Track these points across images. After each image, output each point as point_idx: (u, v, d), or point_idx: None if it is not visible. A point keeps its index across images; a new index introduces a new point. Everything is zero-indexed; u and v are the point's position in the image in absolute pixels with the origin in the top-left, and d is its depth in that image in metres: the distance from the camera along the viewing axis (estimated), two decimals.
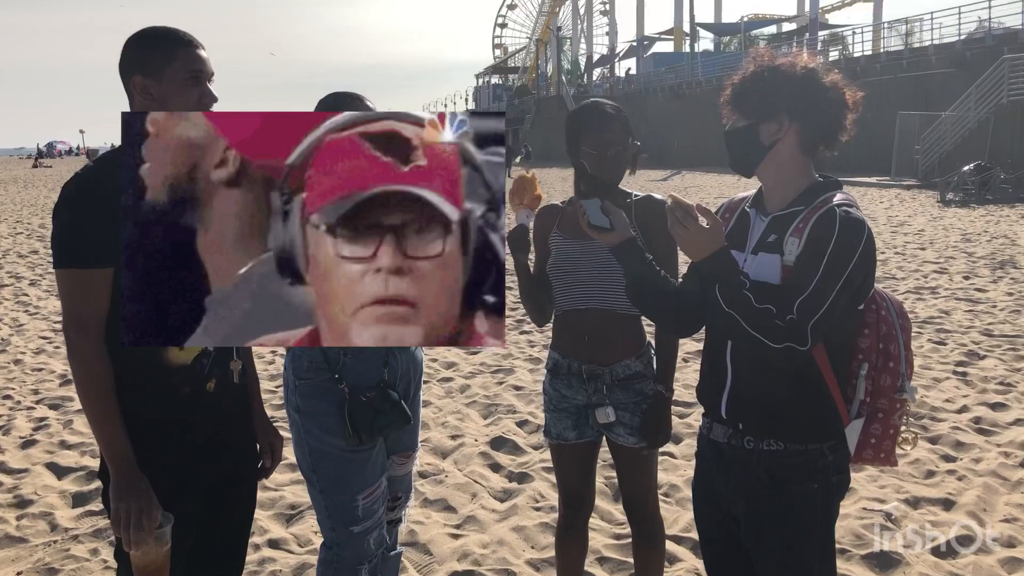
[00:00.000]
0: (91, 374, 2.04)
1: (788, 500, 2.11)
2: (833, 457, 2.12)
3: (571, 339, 2.84)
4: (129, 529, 1.99)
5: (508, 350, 7.33)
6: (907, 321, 2.14)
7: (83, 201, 2.05)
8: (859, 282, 1.99)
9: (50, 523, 4.08)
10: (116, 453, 2.04)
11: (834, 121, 2.10)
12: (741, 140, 2.15)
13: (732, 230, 2.22)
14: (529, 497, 4.34)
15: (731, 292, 1.97)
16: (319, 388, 2.52)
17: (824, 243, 1.96)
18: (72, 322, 2.05)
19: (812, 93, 2.06)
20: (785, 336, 1.92)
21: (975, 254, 12.30)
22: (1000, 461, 4.64)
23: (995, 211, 18.63)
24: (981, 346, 7.15)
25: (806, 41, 45.34)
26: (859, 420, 2.09)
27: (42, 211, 22.18)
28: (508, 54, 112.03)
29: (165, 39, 2.12)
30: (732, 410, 2.18)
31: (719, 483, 2.25)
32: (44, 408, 5.85)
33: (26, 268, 12.29)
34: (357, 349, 2.51)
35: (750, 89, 2.12)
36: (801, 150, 2.10)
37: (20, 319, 8.80)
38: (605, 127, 2.73)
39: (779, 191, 2.14)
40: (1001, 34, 30.03)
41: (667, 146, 44.17)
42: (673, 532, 3.84)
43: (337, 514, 2.57)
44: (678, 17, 61.44)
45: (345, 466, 2.54)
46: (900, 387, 2.08)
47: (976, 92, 25.89)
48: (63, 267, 2.06)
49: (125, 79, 2.12)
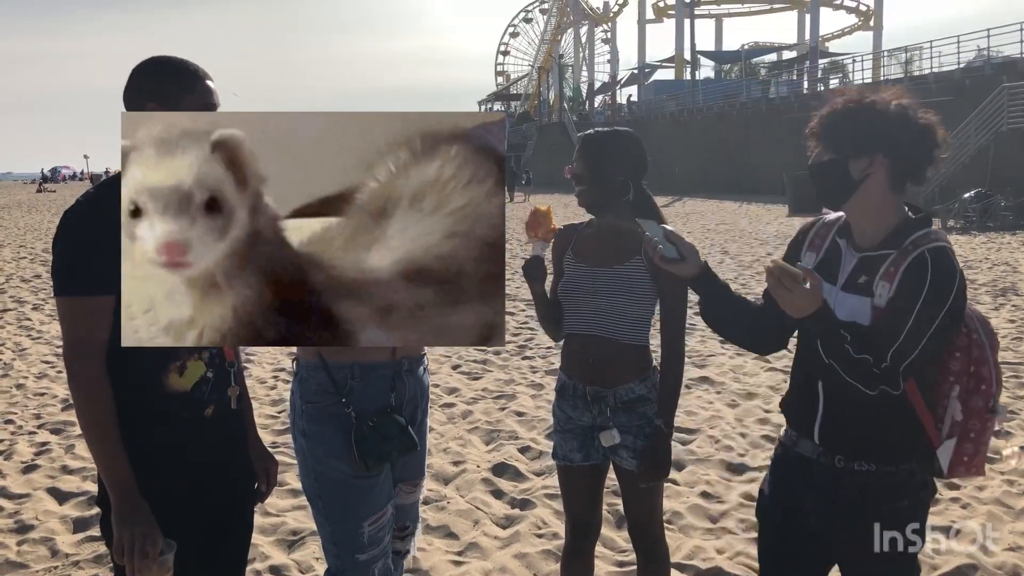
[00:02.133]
0: (92, 401, 2.04)
1: (879, 517, 2.16)
2: (922, 476, 2.18)
3: (576, 361, 2.86)
4: (133, 556, 1.99)
5: (510, 376, 7.32)
6: (995, 339, 2.16)
7: (84, 228, 2.06)
8: (957, 318, 2.05)
9: (51, 548, 4.06)
10: (117, 480, 2.04)
11: (923, 157, 2.12)
12: (830, 174, 2.15)
13: (823, 260, 2.25)
14: (532, 524, 4.32)
15: (832, 345, 2.01)
16: (325, 413, 2.50)
17: (917, 290, 2.00)
18: (73, 349, 2.05)
19: (906, 132, 2.09)
20: (880, 382, 1.99)
21: (976, 281, 12.30)
22: (1004, 489, 4.62)
23: (996, 238, 18.66)
24: None
25: (806, 69, 45.67)
26: (950, 441, 2.12)
27: (45, 236, 22.25)
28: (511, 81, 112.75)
29: (182, 70, 2.16)
30: (825, 436, 2.22)
31: (804, 498, 2.28)
32: (46, 433, 5.84)
33: (29, 292, 12.32)
34: (364, 373, 2.51)
35: (842, 123, 2.13)
36: (891, 186, 2.13)
37: (23, 343, 8.80)
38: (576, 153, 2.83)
39: (869, 225, 2.16)
40: (1000, 63, 30.24)
41: (668, 173, 44.31)
42: (676, 559, 3.81)
43: (343, 541, 2.53)
44: (679, 45, 61.86)
45: (351, 492, 2.52)
46: (992, 408, 2.11)
47: (976, 120, 26.02)
48: (64, 295, 2.06)
49: (136, 106, 2.14)
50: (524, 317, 9.60)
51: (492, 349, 8.37)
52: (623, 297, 2.76)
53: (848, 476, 2.17)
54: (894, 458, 2.15)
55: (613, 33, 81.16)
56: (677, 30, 61.39)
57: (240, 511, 2.42)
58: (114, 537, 2.03)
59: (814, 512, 2.26)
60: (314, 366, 2.51)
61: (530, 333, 8.79)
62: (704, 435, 5.62)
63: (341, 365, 2.49)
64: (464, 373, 7.49)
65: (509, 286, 12.52)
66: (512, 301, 11.19)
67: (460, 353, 8.23)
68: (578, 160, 2.82)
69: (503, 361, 7.91)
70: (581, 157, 2.81)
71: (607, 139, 2.82)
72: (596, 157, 2.80)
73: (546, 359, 7.81)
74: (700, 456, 5.21)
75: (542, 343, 8.34)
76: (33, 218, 29.93)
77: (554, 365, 2.87)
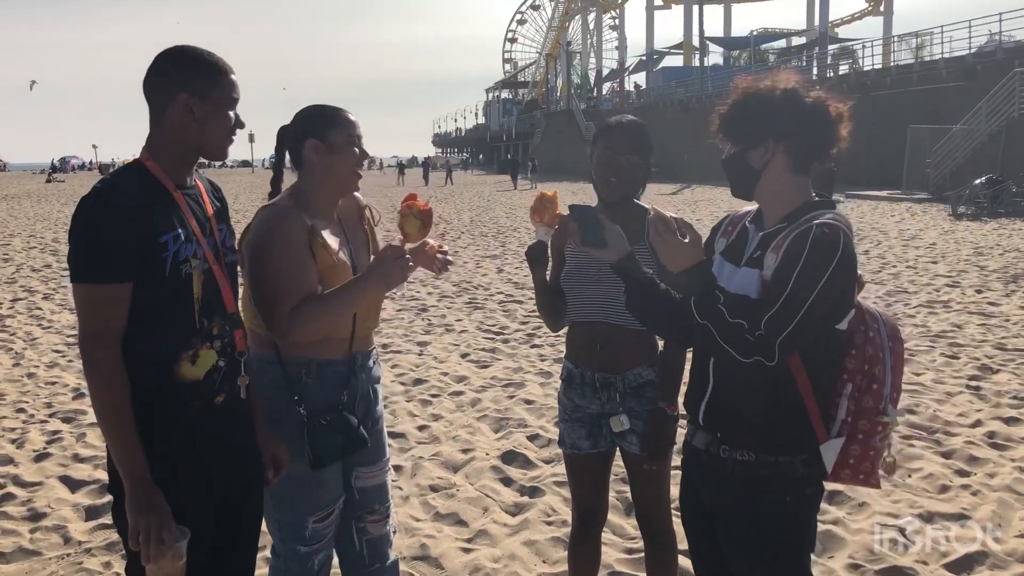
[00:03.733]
0: (109, 389, 2.04)
1: (759, 510, 2.15)
2: (805, 470, 2.14)
3: (583, 349, 2.86)
4: (148, 543, 1.99)
5: (519, 364, 7.33)
6: (899, 344, 2.16)
7: (102, 215, 2.04)
8: (835, 298, 2.01)
9: (63, 536, 4.09)
10: (132, 468, 2.04)
11: (819, 137, 2.13)
12: (734, 166, 2.20)
13: (732, 243, 2.26)
14: (541, 511, 4.33)
15: (705, 305, 2.03)
16: (275, 408, 2.52)
17: (795, 260, 2.00)
18: (90, 337, 2.04)
19: (793, 114, 2.10)
20: (754, 350, 1.97)
21: (987, 267, 12.25)
22: (1015, 476, 4.60)
23: (1007, 224, 18.56)
24: (995, 360, 7.11)
25: (816, 55, 45.39)
26: (838, 439, 2.10)
27: (55, 225, 22.34)
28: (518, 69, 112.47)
29: (212, 63, 2.17)
30: (709, 418, 2.22)
31: (701, 490, 2.29)
32: (57, 421, 5.88)
33: (39, 282, 12.37)
34: (319, 369, 2.55)
35: (734, 117, 2.17)
36: (792, 170, 2.14)
37: (34, 333, 8.84)
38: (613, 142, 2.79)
39: (774, 209, 2.18)
40: (1012, 47, 30.00)
41: (677, 160, 44.18)
42: (684, 547, 3.81)
43: (286, 531, 2.61)
44: (688, 31, 61.63)
45: (297, 489, 2.56)
46: (883, 410, 2.10)
47: (987, 105, 25.85)
48: (82, 281, 2.05)
49: (167, 95, 2.13)
50: (533, 306, 9.56)
51: (501, 338, 8.38)
52: None
53: (731, 466, 2.16)
54: (775, 449, 2.12)
55: (621, 20, 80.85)
56: (686, 16, 61.14)
57: (250, 498, 2.43)
58: (128, 525, 2.03)
59: (713, 507, 2.26)
60: (267, 360, 2.53)
61: (539, 321, 8.78)
62: None
63: (296, 361, 2.52)
64: (473, 361, 7.50)
65: (517, 274, 12.52)
66: (520, 288, 11.19)
67: (469, 342, 8.24)
68: (628, 152, 2.76)
69: (512, 349, 7.92)
70: (634, 149, 2.77)
71: (648, 131, 2.84)
72: (649, 150, 2.81)
73: (555, 347, 7.80)
74: None
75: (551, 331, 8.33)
76: (43, 208, 30.05)
77: (563, 353, 2.86)
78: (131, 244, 2.01)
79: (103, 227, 2.03)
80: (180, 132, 2.15)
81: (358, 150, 2.57)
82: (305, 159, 2.56)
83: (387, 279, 2.42)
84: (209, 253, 2.19)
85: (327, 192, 2.59)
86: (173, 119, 2.14)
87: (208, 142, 2.18)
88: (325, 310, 2.45)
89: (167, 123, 2.15)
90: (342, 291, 2.46)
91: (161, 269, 2.08)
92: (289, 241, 2.45)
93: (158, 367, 2.11)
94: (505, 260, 14.37)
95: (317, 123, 2.56)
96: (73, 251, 2.07)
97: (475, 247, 16.36)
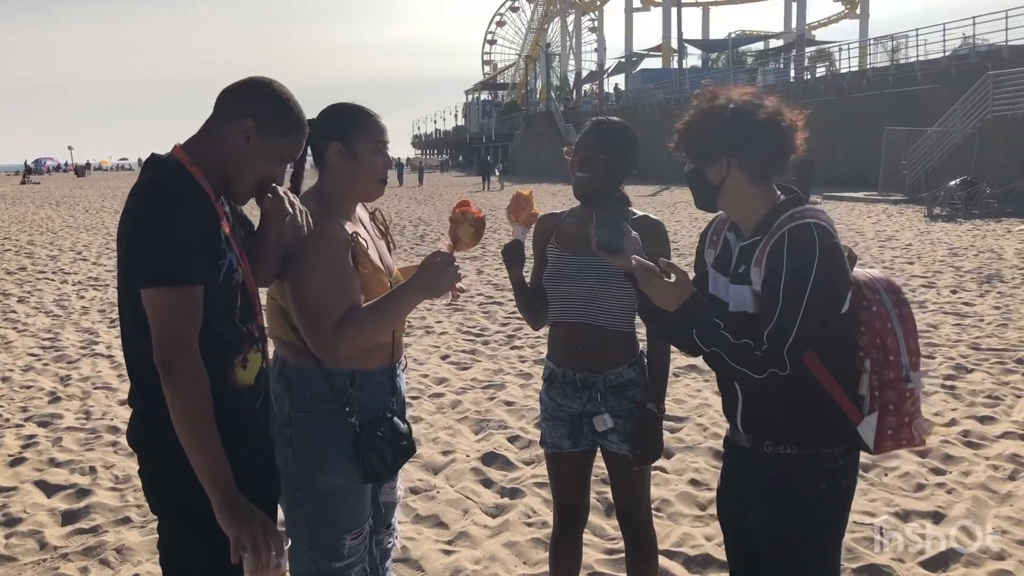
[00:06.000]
0: (197, 399, 1.92)
1: (795, 499, 2.19)
2: (844, 461, 2.19)
3: (565, 348, 2.87)
4: (259, 553, 1.88)
5: (499, 366, 7.33)
6: (905, 307, 2.18)
7: (181, 211, 1.94)
8: (828, 290, 2.04)
9: (39, 541, 4.05)
10: (221, 479, 1.93)
11: (772, 150, 2.16)
12: (695, 181, 2.25)
13: (720, 254, 2.30)
14: (521, 512, 4.34)
15: (709, 335, 2.08)
16: (320, 423, 2.41)
17: (778, 271, 2.04)
18: (174, 345, 1.92)
19: (745, 131, 2.13)
20: (765, 365, 2.02)
21: (962, 268, 12.39)
22: (989, 474, 4.67)
23: (981, 225, 18.77)
24: (969, 360, 7.19)
25: (793, 57, 45.72)
26: (871, 416, 2.14)
27: (30, 228, 22.09)
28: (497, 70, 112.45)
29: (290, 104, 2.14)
30: (747, 425, 2.27)
31: (743, 485, 2.33)
32: (33, 426, 5.81)
33: (14, 285, 12.23)
34: (363, 380, 2.43)
35: (689, 135, 2.22)
36: (751, 182, 2.17)
37: (8, 336, 8.74)
38: (585, 136, 2.81)
39: (743, 219, 2.22)
40: (985, 51, 30.34)
41: (655, 161, 44.26)
42: (665, 547, 3.84)
43: (321, 549, 2.45)
44: (666, 34, 61.89)
45: (337, 506, 2.44)
46: (905, 377, 2.13)
47: (961, 108, 26.12)
48: (164, 285, 1.92)
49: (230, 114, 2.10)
50: (513, 307, 9.59)
51: (481, 340, 8.38)
52: (609, 285, 2.77)
53: (772, 459, 2.21)
54: (815, 442, 2.17)
55: (600, 22, 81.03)
56: (664, 18, 61.41)
57: (276, 501, 2.37)
58: (231, 538, 1.90)
59: (751, 500, 2.30)
60: (309, 371, 2.40)
61: (519, 323, 8.80)
62: (692, 423, 5.64)
63: (341, 372, 2.40)
64: (453, 363, 7.50)
65: (497, 276, 12.52)
66: (500, 291, 11.19)
67: (449, 344, 8.24)
68: (594, 147, 2.77)
69: (492, 351, 7.92)
70: (600, 145, 2.77)
71: (625, 132, 2.83)
72: (616, 149, 2.79)
73: (535, 348, 7.81)
74: (688, 443, 5.24)
75: (531, 332, 8.34)
76: (17, 210, 29.70)
77: (543, 355, 2.87)
78: (203, 244, 1.94)
79: (183, 225, 1.93)
80: (231, 152, 2.09)
81: (382, 159, 2.46)
82: (328, 162, 2.44)
83: (436, 287, 2.31)
84: (241, 259, 2.13)
85: (350, 198, 2.50)
86: (223, 138, 2.08)
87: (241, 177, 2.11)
88: (374, 325, 2.33)
89: (216, 137, 2.09)
90: (389, 302, 2.35)
91: (217, 275, 2.02)
92: (331, 254, 2.32)
93: (216, 376, 2.01)
94: (484, 262, 14.36)
95: (342, 126, 2.43)
96: (149, 252, 1.93)
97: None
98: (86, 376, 7.10)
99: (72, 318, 9.69)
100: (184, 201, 1.96)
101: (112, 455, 5.17)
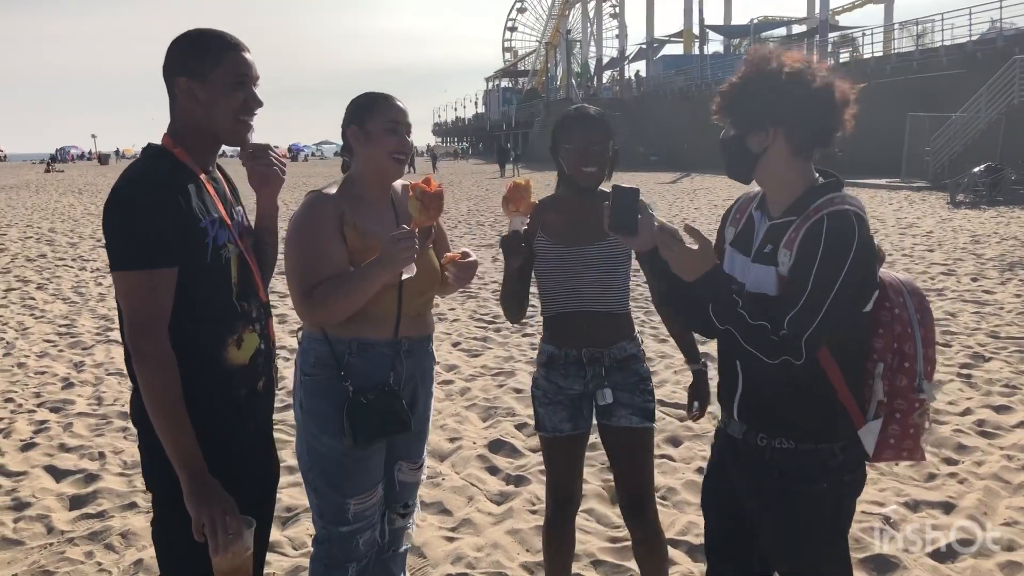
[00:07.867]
0: (161, 380, 1.95)
1: (797, 499, 2.12)
2: (844, 456, 2.11)
3: (569, 332, 2.85)
4: (216, 535, 1.91)
5: (510, 353, 7.31)
6: (927, 316, 2.10)
7: (142, 199, 1.96)
8: (856, 286, 1.97)
9: (47, 526, 4.08)
10: (189, 460, 1.96)
11: (822, 123, 2.05)
12: (733, 149, 2.13)
13: (741, 232, 2.22)
14: (525, 500, 4.32)
15: (725, 311, 1.99)
16: (321, 386, 2.54)
17: (811, 257, 1.94)
18: (139, 327, 1.95)
19: (797, 99, 2.01)
20: (780, 351, 1.94)
21: (984, 256, 12.22)
22: (1003, 464, 4.59)
23: (1006, 212, 18.52)
24: (987, 348, 7.09)
25: (816, 43, 45.21)
26: (876, 421, 2.07)
27: (52, 215, 22.31)
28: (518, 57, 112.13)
29: (212, 41, 2.09)
30: (744, 412, 2.20)
31: (734, 478, 2.27)
32: (45, 411, 5.87)
33: (34, 272, 12.35)
34: (363, 349, 2.54)
35: (736, 98, 2.10)
36: (793, 155, 2.07)
37: (26, 323, 8.83)
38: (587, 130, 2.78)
39: (777, 195, 2.12)
40: (1012, 35, 29.88)
41: (676, 148, 44.09)
42: (671, 535, 3.80)
43: (328, 514, 2.60)
44: (688, 19, 61.38)
45: (340, 469, 2.55)
46: (917, 387, 2.06)
47: (987, 93, 25.74)
48: (126, 269, 1.96)
49: (169, 81, 2.09)
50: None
51: (493, 327, 8.36)
52: (609, 271, 2.78)
53: (768, 454, 2.13)
54: (813, 437, 2.10)
55: (621, 7, 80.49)
56: (686, 4, 60.84)
57: (268, 499, 2.40)
58: (192, 518, 1.94)
59: (746, 496, 2.24)
60: (315, 338, 2.56)
61: (532, 310, 8.74)
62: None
63: (341, 339, 2.53)
64: (464, 350, 7.49)
65: None
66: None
67: (460, 331, 8.22)
68: (603, 141, 2.79)
69: (503, 338, 7.90)
70: (609, 138, 2.81)
71: (610, 117, 2.89)
72: (613, 135, 2.83)
73: None
74: (696, 432, 5.19)
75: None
76: (40, 198, 30.00)
77: None
78: (173, 228, 1.94)
79: (144, 211, 1.95)
80: (189, 117, 2.09)
81: (397, 138, 2.57)
82: (351, 148, 2.63)
83: (391, 262, 2.40)
84: (236, 236, 2.15)
85: (369, 178, 2.63)
86: (181, 104, 2.08)
87: (216, 125, 2.10)
88: (337, 295, 2.45)
89: (177, 109, 2.09)
90: (353, 276, 2.46)
91: (203, 255, 2.03)
92: (314, 225, 2.50)
93: (206, 355, 2.05)
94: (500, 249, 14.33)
95: (357, 111, 2.60)
96: (114, 239, 1.97)
97: (471, 236, 16.33)
98: (100, 362, 7.16)
99: (89, 304, 9.77)
100: (147, 188, 1.98)
101: (122, 441, 5.20)
